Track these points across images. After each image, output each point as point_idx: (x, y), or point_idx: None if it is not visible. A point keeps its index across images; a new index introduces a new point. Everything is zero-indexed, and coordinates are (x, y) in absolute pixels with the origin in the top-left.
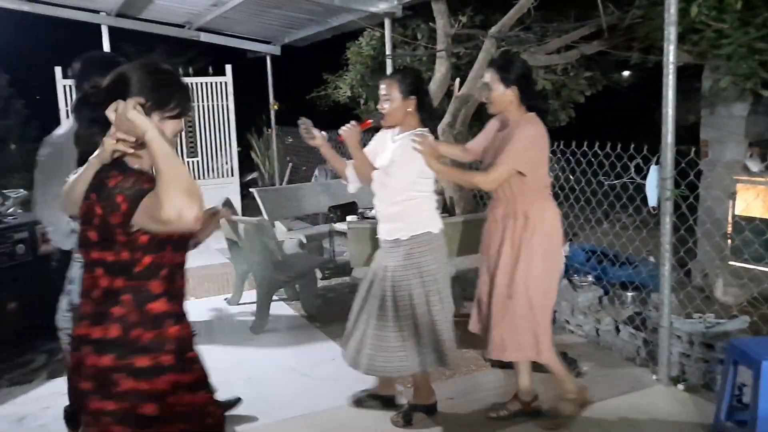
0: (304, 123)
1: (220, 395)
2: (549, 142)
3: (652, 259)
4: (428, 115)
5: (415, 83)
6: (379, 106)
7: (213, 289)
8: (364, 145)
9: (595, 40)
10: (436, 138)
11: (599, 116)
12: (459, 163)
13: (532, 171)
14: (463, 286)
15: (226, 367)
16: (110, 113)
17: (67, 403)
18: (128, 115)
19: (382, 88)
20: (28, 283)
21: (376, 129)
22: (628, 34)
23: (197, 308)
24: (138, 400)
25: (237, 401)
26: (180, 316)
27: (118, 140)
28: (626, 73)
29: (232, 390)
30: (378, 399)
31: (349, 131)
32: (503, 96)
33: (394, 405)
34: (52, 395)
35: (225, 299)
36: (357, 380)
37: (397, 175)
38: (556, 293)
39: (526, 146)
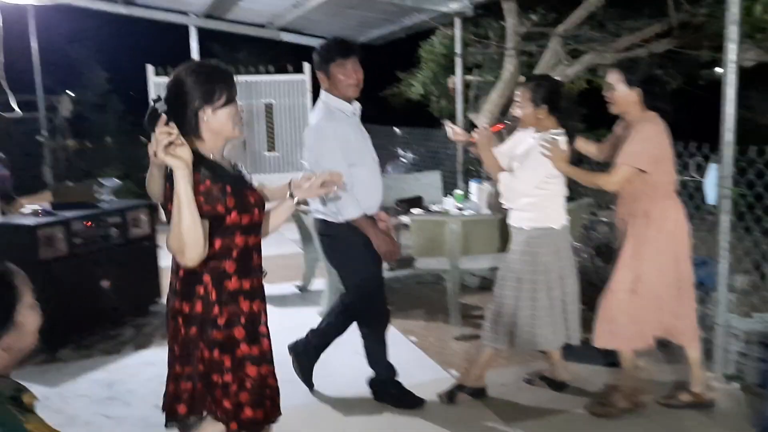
0: (447, 123)
1: (286, 373)
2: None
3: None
4: (564, 118)
5: (548, 93)
6: (512, 110)
7: (287, 276)
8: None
9: (665, 38)
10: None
11: (682, 115)
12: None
13: (654, 169)
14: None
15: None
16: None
17: (151, 372)
18: (160, 158)
19: (517, 95)
20: (120, 264)
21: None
22: (698, 32)
23: (272, 293)
24: (212, 369)
25: None
26: (251, 293)
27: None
28: (719, 70)
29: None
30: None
31: (480, 133)
32: (626, 96)
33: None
34: (138, 364)
35: (296, 286)
36: (415, 364)
37: (524, 179)
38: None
39: (643, 144)
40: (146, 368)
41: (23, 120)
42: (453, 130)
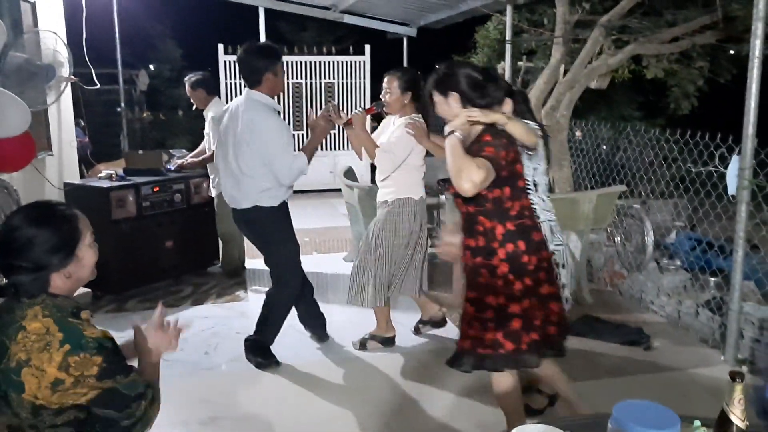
0: (331, 105)
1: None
2: None
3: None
4: (425, 107)
5: (411, 80)
6: (381, 96)
7: (335, 247)
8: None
9: (709, 31)
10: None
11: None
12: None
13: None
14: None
15: (336, 312)
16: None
17: (205, 324)
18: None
19: (384, 82)
20: (182, 227)
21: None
22: (742, 24)
23: (322, 262)
24: (487, 292)
25: None
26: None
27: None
28: None
29: (340, 332)
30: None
31: (356, 116)
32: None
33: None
34: (194, 317)
35: (343, 257)
36: (449, 342)
37: (394, 151)
38: None
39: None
40: (201, 321)
41: (105, 92)
42: (333, 111)
